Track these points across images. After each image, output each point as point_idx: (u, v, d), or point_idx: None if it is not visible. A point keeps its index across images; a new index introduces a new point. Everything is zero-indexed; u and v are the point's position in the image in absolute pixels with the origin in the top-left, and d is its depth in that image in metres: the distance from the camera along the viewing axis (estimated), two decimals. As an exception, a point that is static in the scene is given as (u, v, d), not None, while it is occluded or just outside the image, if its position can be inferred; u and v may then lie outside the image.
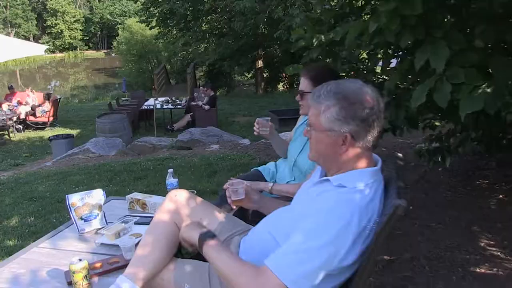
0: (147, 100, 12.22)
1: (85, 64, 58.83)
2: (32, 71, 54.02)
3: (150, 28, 20.72)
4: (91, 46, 65.10)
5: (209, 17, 18.99)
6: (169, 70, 32.93)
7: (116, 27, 60.29)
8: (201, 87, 11.61)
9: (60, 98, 12.36)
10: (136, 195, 2.65)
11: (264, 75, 27.02)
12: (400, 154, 1.67)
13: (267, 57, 21.52)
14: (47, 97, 11.89)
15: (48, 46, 11.38)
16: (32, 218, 4.13)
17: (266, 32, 18.68)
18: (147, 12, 19.02)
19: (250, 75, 26.94)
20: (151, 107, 11.00)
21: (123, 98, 22.55)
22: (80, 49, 62.95)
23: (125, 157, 7.06)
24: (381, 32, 2.04)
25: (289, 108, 13.63)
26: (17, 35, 54.52)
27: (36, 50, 11.23)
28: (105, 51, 64.00)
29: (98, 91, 39.75)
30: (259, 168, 2.80)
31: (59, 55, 58.27)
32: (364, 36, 2.31)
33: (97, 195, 2.36)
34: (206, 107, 10.96)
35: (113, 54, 60.95)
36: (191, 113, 11.17)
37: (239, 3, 14.58)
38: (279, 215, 1.64)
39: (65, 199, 2.31)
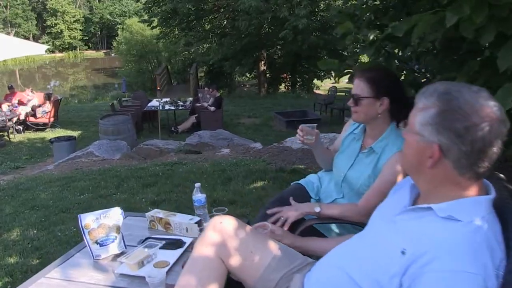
0: (150, 101, 11.88)
1: (85, 64, 58.49)
2: (31, 71, 53.65)
3: (152, 28, 20.35)
4: (90, 46, 64.75)
5: (211, 17, 18.68)
6: (170, 70, 32.70)
7: (116, 27, 59.99)
8: (205, 88, 11.28)
9: (61, 99, 12.02)
10: (157, 213, 2.31)
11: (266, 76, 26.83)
12: (501, 175, 1.33)
13: (269, 58, 21.19)
14: (48, 97, 11.54)
15: (48, 46, 11.13)
16: (35, 231, 3.79)
17: (269, 32, 18.37)
18: (149, 12, 18.68)
19: (251, 75, 26.68)
20: (154, 108, 10.66)
21: (123, 99, 22.17)
22: (79, 49, 62.60)
23: (130, 161, 6.73)
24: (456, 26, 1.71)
25: (295, 110, 13.33)
26: (17, 34, 54.15)
27: (37, 49, 10.90)
28: (105, 51, 63.63)
29: (97, 91, 39.44)
30: (301, 182, 2.46)
31: (58, 55, 57.91)
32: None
33: (115, 215, 2.03)
34: (212, 108, 10.63)
35: (112, 54, 60.60)
36: (196, 115, 10.84)
37: (244, 2, 14.26)
38: (354, 250, 1.30)
39: (77, 220, 1.97)
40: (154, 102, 11.06)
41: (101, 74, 52.48)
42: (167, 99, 10.98)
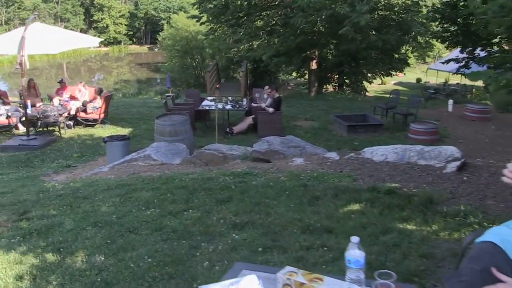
0: (202, 99, 11.31)
1: (129, 58, 59.36)
2: (77, 64, 54.87)
3: (201, 24, 19.89)
4: (134, 41, 65.66)
5: (263, 13, 17.98)
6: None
7: (160, 23, 60.54)
8: (266, 87, 10.56)
9: (111, 94, 11.63)
10: (293, 274, 1.59)
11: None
12: None
13: (320, 57, 20.27)
14: (99, 92, 11.16)
15: (102, 39, 10.94)
16: (102, 257, 3.18)
17: (323, 30, 17.49)
18: (200, 6, 18.19)
19: (298, 74, 25.86)
20: (208, 107, 10.07)
21: (167, 94, 21.92)
22: (124, 44, 63.60)
23: (191, 167, 6.11)
24: None
25: (355, 114, 12.45)
26: (66, 29, 55.54)
27: (92, 42, 10.56)
28: (148, 46, 64.39)
29: (140, 86, 39.72)
30: (493, 240, 1.67)
31: (103, 49, 58.88)
32: None
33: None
34: (271, 109, 9.92)
35: (156, 49, 61.22)
36: (253, 116, 10.16)
37: (302, -2, 13.50)
38: None
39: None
40: (208, 101, 10.47)
41: (144, 69, 53.05)
42: (228, 98, 10.36)
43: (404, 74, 31.49)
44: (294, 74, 27.19)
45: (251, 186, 4.73)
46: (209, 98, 10.87)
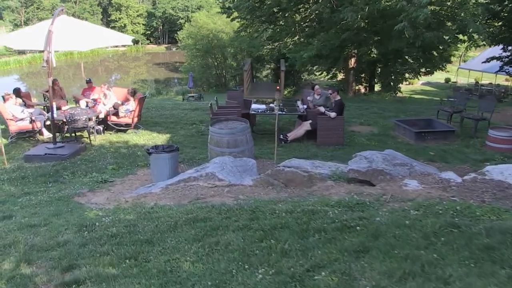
0: (246, 101, 9.99)
1: (146, 58, 58.46)
2: (95, 64, 54.10)
3: (232, 20, 18.61)
4: (152, 41, 64.79)
5: (302, 8, 16.60)
6: (235, 66, 31.15)
7: (178, 22, 59.59)
8: (330, 91, 9.19)
9: (145, 96, 10.35)
10: None
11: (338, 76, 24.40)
12: None
13: (359, 56, 18.77)
14: (133, 93, 9.89)
15: (133, 37, 10.10)
16: None
17: (365, 25, 16.01)
18: (233, 1, 16.87)
19: (327, 74, 24.39)
20: (261, 111, 8.74)
21: (189, 95, 20.73)
22: (141, 43, 62.76)
23: (271, 190, 4.77)
24: None
25: (418, 118, 10.97)
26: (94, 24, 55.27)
27: (124, 40, 9.31)
28: (166, 45, 63.49)
29: (158, 86, 38.73)
30: None
31: (121, 48, 58.11)
32: None
33: None
34: (332, 114, 8.55)
35: (174, 49, 60.28)
36: (310, 121, 8.80)
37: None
38: None
39: None
40: (257, 104, 9.14)
41: (161, 69, 52.00)
42: (279, 101, 9.00)
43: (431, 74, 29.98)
44: (319, 73, 25.75)
45: (380, 226, 3.37)
46: (253, 101, 9.50)
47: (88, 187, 6.19)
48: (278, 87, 6.84)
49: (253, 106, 9.07)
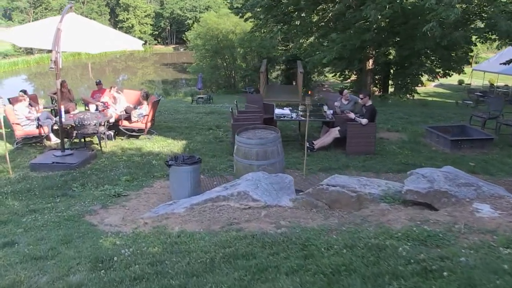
0: (266, 105, 9.31)
1: (154, 58, 58.00)
2: (102, 64, 53.71)
3: (245, 20, 17.97)
4: (159, 41, 64.34)
5: (319, 7, 15.90)
6: (244, 67, 30.53)
7: (186, 22, 59.06)
8: (361, 95, 8.53)
9: (159, 99, 9.71)
10: None
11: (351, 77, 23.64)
12: None
13: (376, 57, 18.02)
14: (146, 97, 9.24)
15: (143, 42, 9.56)
16: None
17: (387, 26, 15.28)
18: (247, 1, 16.21)
19: (340, 75, 23.68)
20: (286, 117, 8.06)
21: (198, 96, 20.09)
22: (149, 44, 62.30)
23: (314, 213, 4.10)
24: None
25: (451, 125, 10.19)
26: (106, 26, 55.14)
27: (135, 44, 8.70)
28: (174, 46, 63.00)
29: (165, 86, 38.24)
30: None
31: (128, 49, 57.55)
32: None
33: None
34: (364, 120, 7.86)
35: (181, 49, 59.78)
36: (339, 128, 8.12)
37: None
38: None
39: None
40: (281, 109, 8.47)
41: (169, 69, 51.46)
42: (304, 106, 8.33)
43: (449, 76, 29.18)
44: (333, 75, 25.02)
45: (471, 271, 2.68)
46: (277, 106, 8.81)
47: (100, 203, 5.54)
48: (310, 91, 6.17)
49: (277, 111, 8.39)
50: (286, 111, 8.36)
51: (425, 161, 7.77)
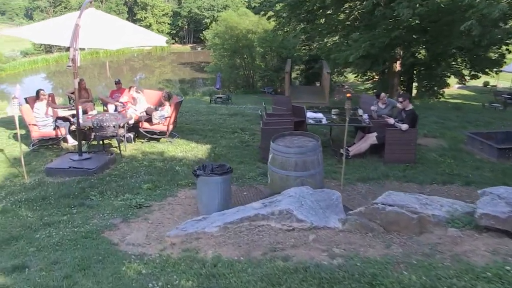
0: (297, 108, 8.72)
1: (171, 57, 57.83)
2: (120, 63, 53.74)
3: (268, 19, 17.42)
4: (177, 40, 64.18)
5: (346, 5, 15.22)
6: (263, 67, 29.99)
7: (203, 21, 58.76)
8: (399, 99, 7.91)
9: (182, 100, 9.19)
10: None
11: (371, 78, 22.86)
12: None
13: (403, 58, 17.24)
14: (168, 98, 8.72)
15: (167, 38, 9.10)
16: None
17: (417, 24, 14.50)
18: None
19: (363, 76, 22.98)
20: (319, 121, 7.47)
21: (217, 96, 19.57)
22: (166, 43, 62.11)
23: (371, 238, 3.51)
24: None
25: (495, 131, 9.41)
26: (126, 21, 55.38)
27: (158, 40, 8.22)
28: (191, 45, 62.78)
29: (183, 85, 37.97)
30: None
31: (146, 48, 57.56)
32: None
33: None
34: (404, 126, 7.21)
35: (199, 49, 59.50)
36: (375, 133, 7.49)
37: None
38: None
39: None
40: (313, 113, 7.88)
41: (186, 68, 51.18)
42: (337, 110, 7.74)
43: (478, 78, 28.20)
44: (356, 76, 24.29)
45: None
46: (308, 109, 8.21)
47: (121, 215, 5.03)
48: (349, 94, 5.59)
49: (309, 114, 7.79)
50: (319, 114, 7.76)
51: (471, 172, 7.11)
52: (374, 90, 20.82)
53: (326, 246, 3.31)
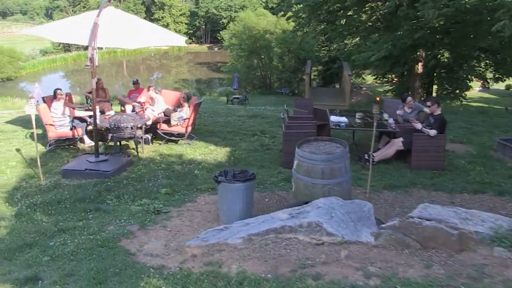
0: (317, 110, 8.45)
1: (188, 57, 57.87)
2: (137, 62, 54.00)
3: (287, 19, 17.17)
4: (194, 40, 64.23)
5: (368, 5, 14.86)
6: (281, 69, 29.71)
7: (220, 22, 58.68)
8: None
9: (201, 102, 8.98)
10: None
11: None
12: None
13: (425, 60, 16.76)
14: (187, 99, 8.53)
15: (186, 38, 9.03)
16: None
17: (442, 25, 14.06)
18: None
19: (382, 79, 22.51)
20: (343, 125, 7.19)
21: (234, 96, 19.39)
22: (185, 43, 62.31)
23: (407, 256, 3.23)
24: None
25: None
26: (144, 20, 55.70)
27: (177, 40, 8.07)
28: (208, 45, 62.75)
29: (199, 85, 37.88)
30: None
31: (163, 47, 57.70)
32: None
33: None
34: (432, 132, 6.88)
35: (216, 49, 59.46)
36: (402, 139, 7.17)
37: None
38: None
39: None
40: (337, 116, 7.60)
41: (203, 68, 51.14)
42: (361, 114, 7.45)
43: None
44: (375, 78, 23.83)
45: None
46: (332, 114, 7.93)
47: (138, 222, 4.83)
48: (378, 98, 5.33)
49: (333, 118, 7.51)
50: (343, 118, 7.47)
51: (503, 180, 6.74)
52: (393, 93, 20.38)
53: (360, 264, 3.04)
